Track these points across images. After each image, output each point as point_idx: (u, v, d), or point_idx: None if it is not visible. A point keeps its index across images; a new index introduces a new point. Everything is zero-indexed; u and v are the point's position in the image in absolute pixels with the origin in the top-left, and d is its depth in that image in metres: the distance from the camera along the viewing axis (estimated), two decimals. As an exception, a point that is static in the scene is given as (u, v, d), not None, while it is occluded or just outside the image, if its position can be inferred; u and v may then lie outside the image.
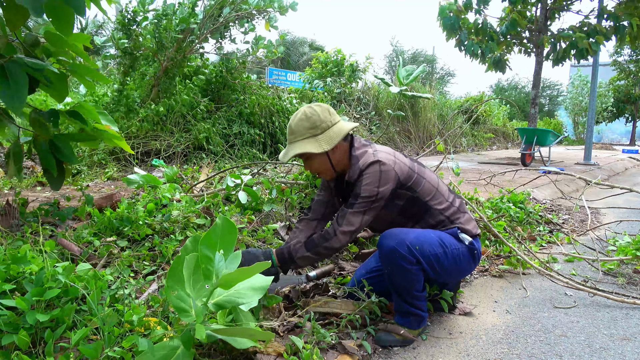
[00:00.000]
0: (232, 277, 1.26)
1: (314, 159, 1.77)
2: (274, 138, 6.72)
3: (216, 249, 1.33)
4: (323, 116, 1.73)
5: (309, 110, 1.73)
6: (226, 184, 2.85)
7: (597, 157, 12.16)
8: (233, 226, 1.39)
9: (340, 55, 11.04)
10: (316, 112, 1.72)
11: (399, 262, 1.66)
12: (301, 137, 1.72)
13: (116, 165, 5.08)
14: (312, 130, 1.71)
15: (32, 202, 2.88)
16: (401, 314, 1.77)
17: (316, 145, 1.70)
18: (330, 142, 1.71)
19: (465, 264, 1.82)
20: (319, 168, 1.80)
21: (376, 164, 1.70)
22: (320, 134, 1.72)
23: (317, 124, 1.71)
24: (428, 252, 1.69)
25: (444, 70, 34.62)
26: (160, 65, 5.76)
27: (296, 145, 1.72)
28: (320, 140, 1.71)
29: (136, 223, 2.20)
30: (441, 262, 1.72)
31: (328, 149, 1.70)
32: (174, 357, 1.24)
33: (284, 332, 1.67)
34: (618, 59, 24.41)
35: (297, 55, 26.27)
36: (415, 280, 1.70)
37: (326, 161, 1.77)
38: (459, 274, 1.91)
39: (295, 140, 1.73)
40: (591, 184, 3.97)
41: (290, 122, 1.76)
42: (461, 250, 1.78)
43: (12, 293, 1.39)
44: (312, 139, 1.71)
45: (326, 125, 1.73)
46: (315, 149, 1.69)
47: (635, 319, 2.07)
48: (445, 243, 1.75)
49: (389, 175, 1.71)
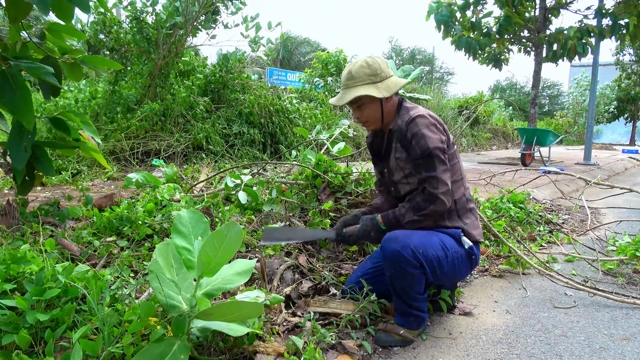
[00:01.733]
0: (216, 261, 1.26)
1: (368, 105, 1.81)
2: (274, 138, 6.72)
3: (191, 238, 1.34)
4: (383, 66, 1.80)
5: (370, 60, 1.79)
6: (226, 184, 2.85)
7: (597, 157, 12.16)
8: (201, 216, 1.42)
9: (342, 55, 11.04)
10: (377, 62, 1.79)
11: (402, 265, 1.66)
12: (361, 83, 1.77)
13: (116, 165, 5.08)
14: (372, 77, 1.77)
15: (32, 202, 2.88)
16: (401, 314, 1.77)
17: (376, 90, 1.75)
18: (389, 90, 1.77)
19: (464, 268, 1.83)
20: (369, 115, 1.84)
21: (425, 117, 1.76)
22: (379, 81, 1.78)
23: (378, 72, 1.77)
24: (431, 255, 1.69)
25: (443, 69, 34.60)
26: (155, 64, 5.76)
27: (356, 89, 1.77)
28: (379, 87, 1.77)
29: (136, 223, 2.20)
30: (442, 266, 1.73)
31: (387, 95, 1.76)
32: (170, 353, 1.24)
33: (284, 332, 1.67)
34: (622, 58, 24.35)
35: (298, 56, 26.27)
36: (416, 283, 1.70)
37: (378, 109, 1.82)
38: (456, 277, 1.94)
39: (355, 85, 1.78)
40: (591, 183, 3.97)
41: (350, 67, 1.80)
42: (460, 253, 1.79)
43: (12, 293, 1.39)
44: (371, 85, 1.77)
45: (385, 75, 1.79)
46: (375, 93, 1.74)
47: (635, 319, 2.07)
48: (447, 246, 1.75)
49: (439, 127, 1.78)
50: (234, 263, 1.50)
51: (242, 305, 1.27)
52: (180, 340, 1.28)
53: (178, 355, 1.24)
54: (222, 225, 1.27)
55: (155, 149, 5.47)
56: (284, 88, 8.75)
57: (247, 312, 1.30)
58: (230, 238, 1.26)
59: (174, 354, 1.24)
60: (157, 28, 5.54)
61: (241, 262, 1.51)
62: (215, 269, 1.29)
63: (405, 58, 34.24)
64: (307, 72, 11.31)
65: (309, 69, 11.63)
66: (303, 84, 10.68)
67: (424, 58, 34.24)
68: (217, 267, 1.29)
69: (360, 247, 2.58)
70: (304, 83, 10.78)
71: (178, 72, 6.45)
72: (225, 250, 1.25)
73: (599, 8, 9.06)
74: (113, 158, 5.18)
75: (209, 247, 1.25)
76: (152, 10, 5.54)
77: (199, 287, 1.36)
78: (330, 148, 3.48)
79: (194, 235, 1.37)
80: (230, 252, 1.26)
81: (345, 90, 1.81)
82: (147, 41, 5.62)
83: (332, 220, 2.64)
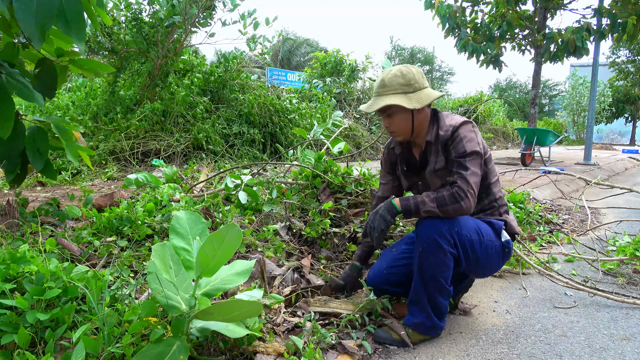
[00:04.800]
0: (215, 262, 1.26)
1: (398, 115, 1.77)
2: (274, 138, 6.72)
3: (189, 239, 1.33)
4: (418, 77, 1.76)
5: (405, 69, 1.76)
6: (226, 184, 2.85)
7: (597, 157, 12.16)
8: (199, 217, 1.41)
9: (340, 55, 11.03)
10: (412, 72, 1.76)
11: (436, 239, 1.63)
12: (393, 91, 1.74)
13: (116, 165, 5.08)
14: (405, 87, 1.74)
15: (32, 202, 2.88)
16: (413, 309, 1.72)
17: (407, 101, 1.72)
18: (420, 102, 1.73)
19: (496, 259, 1.80)
20: (399, 125, 1.80)
21: (469, 124, 1.76)
22: (412, 92, 1.74)
23: (412, 83, 1.74)
24: (465, 236, 1.68)
25: (444, 69, 34.58)
26: (154, 64, 5.77)
27: (387, 98, 1.73)
28: (411, 98, 1.73)
29: (136, 223, 2.20)
30: (475, 250, 1.71)
31: (418, 107, 1.72)
32: (170, 353, 1.24)
33: (284, 332, 1.67)
34: (617, 59, 24.43)
35: (298, 56, 26.28)
36: (446, 264, 1.65)
37: (409, 120, 1.78)
38: (487, 268, 1.85)
39: (386, 93, 1.75)
40: (591, 183, 3.96)
41: (383, 76, 1.77)
42: (495, 244, 1.77)
43: (12, 293, 1.39)
44: (403, 95, 1.73)
45: (419, 86, 1.76)
46: (406, 104, 1.71)
47: (635, 319, 2.07)
48: (482, 232, 1.74)
49: (480, 136, 1.78)
50: (233, 263, 1.50)
51: (241, 303, 1.27)
52: (180, 341, 1.28)
53: (177, 356, 1.24)
54: (222, 226, 1.27)
55: (155, 149, 5.47)
56: (284, 88, 8.76)
57: (246, 311, 1.29)
58: (230, 239, 1.25)
59: (173, 354, 1.24)
60: (156, 27, 5.54)
61: (240, 262, 1.51)
62: (214, 269, 1.29)
63: (405, 57, 34.24)
64: (307, 72, 11.32)
65: (308, 69, 11.63)
66: (303, 84, 10.69)
67: (424, 57, 34.25)
68: (216, 267, 1.29)
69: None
70: (303, 82, 10.79)
71: (177, 71, 6.45)
72: (224, 250, 1.25)
73: (599, 8, 9.05)
74: (113, 158, 5.18)
75: (208, 248, 1.25)
76: (150, 9, 5.55)
77: (198, 288, 1.36)
78: (330, 147, 3.48)
79: (192, 236, 1.37)
80: (229, 252, 1.26)
81: (376, 98, 1.78)
82: (145, 41, 5.62)
83: (332, 220, 2.64)
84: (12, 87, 1.70)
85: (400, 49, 33.96)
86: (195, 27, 5.83)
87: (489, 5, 10.05)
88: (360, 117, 10.24)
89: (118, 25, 5.66)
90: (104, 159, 5.09)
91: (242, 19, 5.92)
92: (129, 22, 5.58)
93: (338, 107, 10.13)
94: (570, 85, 23.27)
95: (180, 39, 5.87)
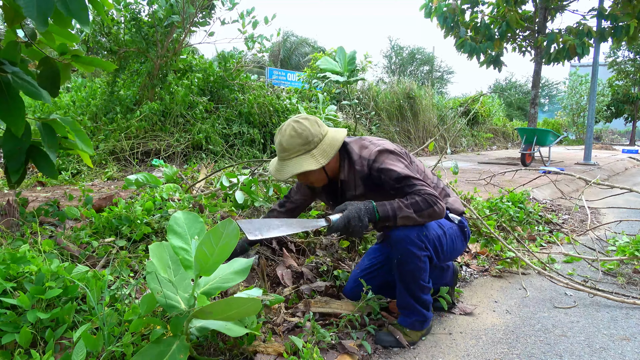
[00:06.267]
0: (213, 260, 1.26)
1: (309, 174, 1.75)
2: (274, 137, 6.72)
3: (187, 238, 1.34)
4: (314, 130, 1.69)
5: (298, 126, 1.68)
6: (221, 183, 2.85)
7: (597, 157, 12.16)
8: (197, 217, 1.42)
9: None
10: (306, 127, 1.68)
11: (409, 248, 1.65)
12: (295, 154, 1.68)
13: (116, 165, 5.08)
14: (305, 147, 1.68)
15: (32, 202, 2.88)
16: (405, 312, 1.76)
17: (312, 161, 1.66)
18: (326, 156, 1.68)
19: (460, 242, 1.89)
20: (314, 180, 1.80)
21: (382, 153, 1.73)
22: (313, 148, 1.68)
23: (310, 139, 1.68)
24: (432, 235, 1.72)
25: (443, 68, 34.56)
26: (153, 64, 5.77)
27: (292, 163, 1.68)
28: (315, 155, 1.67)
29: (134, 222, 2.20)
30: (442, 244, 1.77)
31: (325, 164, 1.67)
32: (169, 352, 1.24)
33: (284, 332, 1.67)
34: (617, 59, 24.42)
35: (299, 56, 26.27)
36: (422, 268, 1.70)
37: (322, 173, 1.78)
38: (454, 253, 1.91)
39: (290, 158, 1.69)
40: (591, 183, 3.97)
41: (280, 138, 1.70)
42: (454, 229, 1.85)
43: (12, 293, 1.38)
44: (306, 154, 1.68)
45: (318, 139, 1.70)
46: (313, 165, 1.65)
47: (635, 319, 2.07)
48: (443, 225, 1.80)
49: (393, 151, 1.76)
50: (232, 262, 1.50)
51: (240, 301, 1.26)
52: (179, 340, 1.28)
53: (177, 355, 1.24)
54: (219, 222, 1.27)
55: (155, 149, 5.47)
56: (284, 88, 8.76)
57: (245, 309, 1.28)
58: (227, 236, 1.26)
59: (173, 353, 1.24)
60: (155, 27, 5.54)
61: (239, 260, 1.51)
62: (213, 267, 1.29)
63: (405, 57, 34.23)
64: (307, 73, 11.31)
65: (308, 69, 11.63)
66: (303, 83, 10.69)
67: (424, 57, 34.24)
68: (215, 265, 1.29)
69: (353, 245, 2.57)
70: (303, 82, 10.78)
71: (176, 70, 6.45)
72: (222, 248, 1.25)
73: (600, 10, 9.05)
74: (113, 158, 5.18)
75: (206, 245, 1.25)
76: (149, 9, 5.55)
77: (197, 287, 1.36)
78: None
79: (190, 236, 1.36)
80: (227, 249, 1.26)
81: (281, 163, 1.72)
82: (145, 41, 5.62)
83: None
84: (19, 85, 1.70)
85: (399, 48, 33.94)
86: (194, 26, 5.83)
87: (490, 6, 10.07)
88: (360, 117, 10.25)
89: (117, 25, 5.66)
90: (104, 159, 5.09)
91: (241, 18, 5.93)
92: (128, 22, 5.58)
93: (338, 107, 10.14)
94: (569, 85, 23.28)
95: (180, 39, 5.87)
